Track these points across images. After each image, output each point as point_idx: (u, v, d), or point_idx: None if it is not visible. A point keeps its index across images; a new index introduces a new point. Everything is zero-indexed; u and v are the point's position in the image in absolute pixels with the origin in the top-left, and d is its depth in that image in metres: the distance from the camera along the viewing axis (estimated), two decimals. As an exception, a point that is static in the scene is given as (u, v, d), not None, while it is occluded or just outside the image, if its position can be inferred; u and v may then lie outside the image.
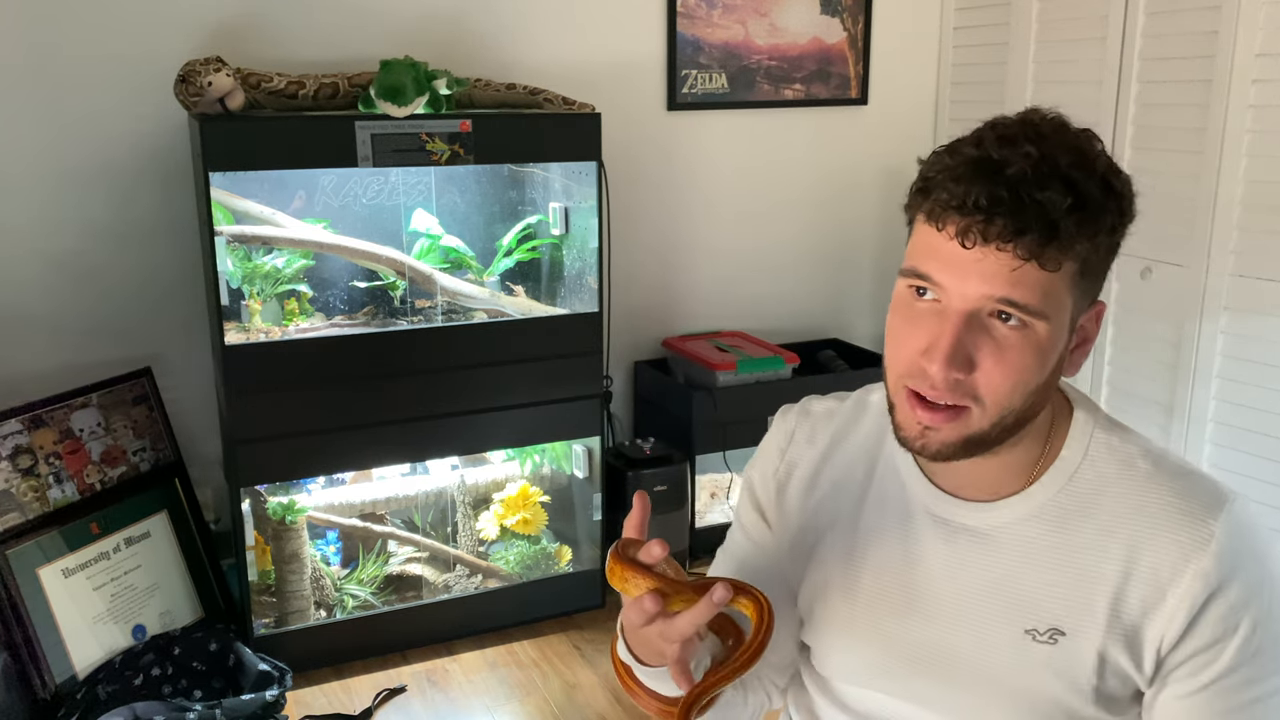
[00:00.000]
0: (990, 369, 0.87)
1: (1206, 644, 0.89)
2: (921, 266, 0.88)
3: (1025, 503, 0.96)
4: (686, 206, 3.29)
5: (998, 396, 0.88)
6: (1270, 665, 0.90)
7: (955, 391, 0.88)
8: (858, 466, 1.06)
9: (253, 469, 2.48)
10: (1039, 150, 0.85)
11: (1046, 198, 0.83)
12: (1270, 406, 2.59)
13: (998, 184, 0.83)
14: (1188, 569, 0.89)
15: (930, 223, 0.88)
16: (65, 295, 2.62)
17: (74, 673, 2.34)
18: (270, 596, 2.63)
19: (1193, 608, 0.88)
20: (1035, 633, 0.94)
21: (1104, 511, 0.93)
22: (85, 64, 2.54)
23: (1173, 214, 2.75)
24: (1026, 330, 0.87)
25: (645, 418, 3.27)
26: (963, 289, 0.86)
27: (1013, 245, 0.83)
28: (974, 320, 0.86)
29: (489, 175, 2.83)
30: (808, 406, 1.13)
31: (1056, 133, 0.88)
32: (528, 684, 2.54)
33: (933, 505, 1.00)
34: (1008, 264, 0.84)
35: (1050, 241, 0.84)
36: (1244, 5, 2.51)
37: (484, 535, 2.89)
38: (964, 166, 0.86)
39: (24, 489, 2.39)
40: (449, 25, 2.87)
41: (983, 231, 0.84)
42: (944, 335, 0.86)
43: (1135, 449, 0.96)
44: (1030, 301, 0.85)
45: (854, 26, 3.39)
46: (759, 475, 1.13)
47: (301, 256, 2.60)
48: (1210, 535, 0.89)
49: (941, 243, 0.86)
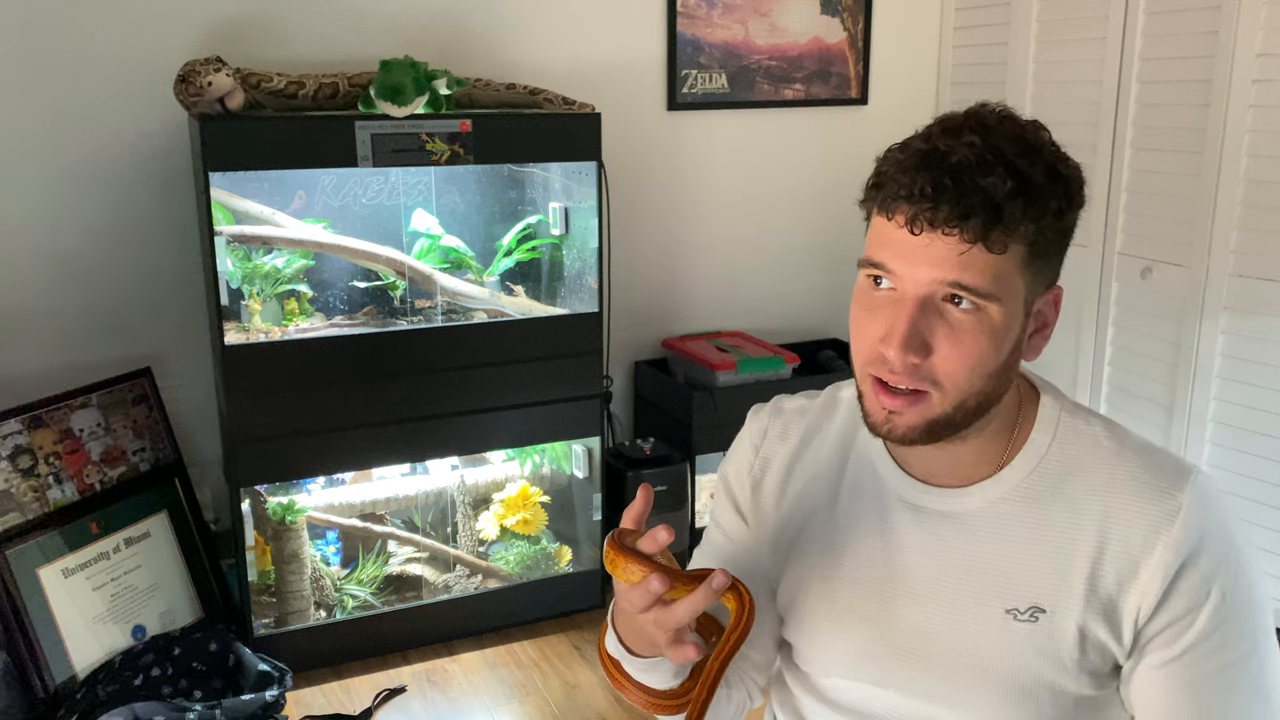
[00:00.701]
0: (946, 353, 0.90)
1: (1181, 613, 0.92)
2: (876, 256, 0.92)
3: (998, 485, 0.99)
4: (686, 207, 3.29)
5: (955, 379, 0.91)
6: (1239, 630, 0.93)
7: (914, 376, 0.91)
8: (831, 460, 1.08)
9: (253, 469, 2.48)
10: (983, 140, 0.88)
11: (989, 183, 0.86)
12: (1270, 406, 2.59)
13: (942, 172, 0.87)
14: (1159, 540, 0.92)
15: (882, 214, 0.91)
16: (65, 295, 2.62)
17: (74, 673, 2.34)
18: (270, 596, 2.63)
19: (1166, 577, 0.91)
20: (1016, 611, 0.96)
21: (1074, 490, 0.96)
22: (85, 64, 2.54)
23: (1173, 214, 2.75)
24: (980, 314, 0.89)
25: (645, 418, 3.27)
26: (914, 274, 0.89)
27: (959, 229, 0.87)
28: (928, 305, 0.89)
29: (489, 175, 2.83)
30: (779, 404, 1.15)
31: (1002, 124, 0.92)
32: (528, 684, 2.54)
33: (907, 493, 1.02)
34: (955, 248, 0.87)
35: (995, 224, 0.87)
36: (1244, 5, 2.51)
37: (484, 535, 2.89)
38: (911, 159, 0.89)
39: (24, 489, 2.39)
40: (449, 25, 2.87)
41: (930, 218, 0.87)
42: (899, 320, 0.89)
43: (1100, 430, 1.00)
44: (979, 284, 0.88)
45: (854, 26, 3.39)
46: (734, 473, 1.15)
47: (301, 256, 2.60)
48: (1179, 507, 0.92)
49: (892, 232, 0.90)
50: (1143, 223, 2.85)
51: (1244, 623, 0.93)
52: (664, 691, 0.98)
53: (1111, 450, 0.97)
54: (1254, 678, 0.93)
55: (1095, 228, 2.95)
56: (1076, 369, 3.05)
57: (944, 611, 0.99)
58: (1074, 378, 3.06)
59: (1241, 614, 0.93)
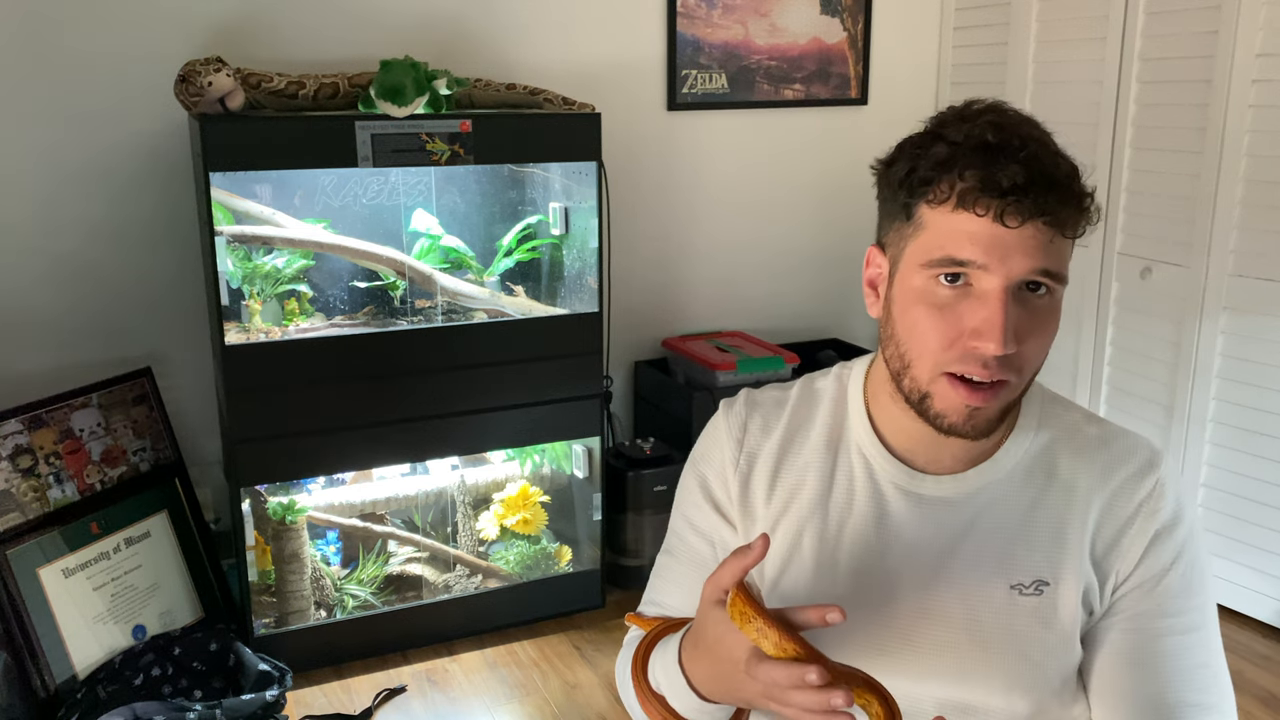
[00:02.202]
0: (1033, 340, 0.93)
1: (1150, 576, 0.99)
2: (959, 254, 0.90)
3: (993, 468, 1.02)
4: (686, 207, 3.29)
5: (1034, 364, 0.95)
6: (1195, 602, 1.00)
7: (1005, 368, 0.92)
8: (820, 451, 1.07)
9: (253, 469, 2.48)
10: (1028, 134, 0.91)
11: (1060, 174, 0.90)
12: (1270, 406, 2.59)
13: (1020, 164, 0.88)
14: (1140, 512, 1.00)
15: (961, 208, 0.90)
16: (65, 295, 2.62)
17: (74, 673, 2.34)
18: (270, 596, 2.63)
19: (1143, 544, 0.99)
20: (1021, 586, 0.99)
21: (1065, 470, 1.02)
22: (85, 64, 2.54)
23: (1173, 214, 2.75)
24: (1052, 296, 0.93)
25: (645, 418, 3.27)
26: (1007, 267, 0.89)
27: (1049, 219, 0.89)
28: (1015, 295, 0.91)
29: (489, 175, 2.83)
30: (752, 397, 1.13)
31: (1017, 118, 0.94)
32: (528, 684, 2.55)
33: (903, 481, 1.03)
34: (1047, 235, 0.90)
35: (1076, 211, 0.91)
36: (1244, 5, 2.51)
37: (484, 535, 2.89)
38: (975, 153, 0.89)
39: (24, 489, 2.39)
40: (449, 25, 2.87)
41: (1022, 209, 0.88)
42: (995, 314, 0.89)
43: (1078, 416, 1.06)
44: (1062, 269, 0.92)
45: (854, 26, 3.39)
46: (714, 472, 1.11)
47: (301, 256, 2.60)
48: (1156, 483, 1.00)
49: (975, 229, 0.89)
50: (1143, 223, 2.85)
51: (1199, 595, 1.01)
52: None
53: (1094, 435, 1.03)
54: (1201, 648, 1.00)
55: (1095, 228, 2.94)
56: (1076, 369, 3.05)
57: (948, 594, 1.00)
58: (1074, 378, 3.06)
59: (1198, 587, 1.01)
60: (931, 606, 1.00)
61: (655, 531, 2.93)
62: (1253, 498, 2.66)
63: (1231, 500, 2.70)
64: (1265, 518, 2.64)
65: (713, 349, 3.12)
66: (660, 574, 1.16)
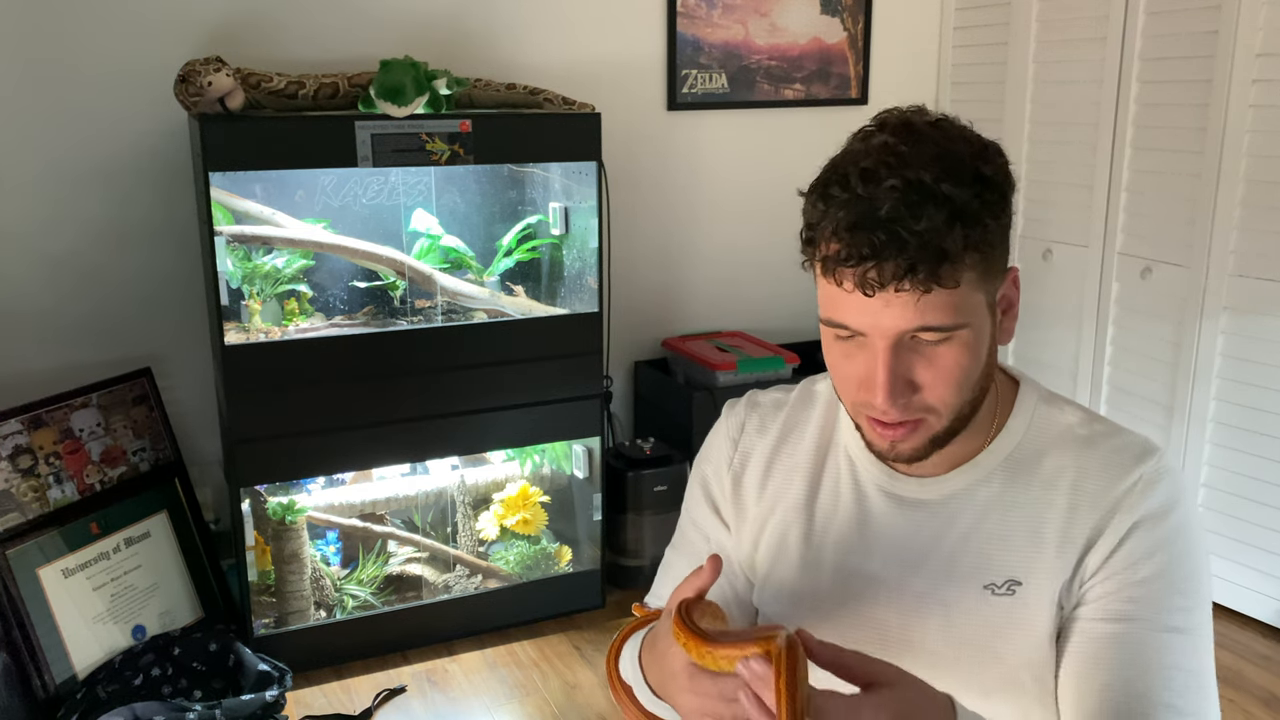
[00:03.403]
0: (931, 383, 0.91)
1: (1122, 566, 0.95)
2: (836, 317, 0.92)
3: (974, 470, 1.01)
4: (686, 206, 3.29)
5: (946, 401, 0.93)
6: (1179, 604, 0.94)
7: (906, 410, 0.92)
8: (810, 454, 1.09)
9: (253, 469, 2.48)
10: (902, 178, 0.86)
11: (924, 227, 0.85)
12: (1270, 406, 2.59)
13: (875, 228, 0.85)
14: (1119, 508, 0.95)
15: (827, 277, 0.90)
16: (65, 295, 2.62)
17: (74, 673, 2.34)
18: (270, 596, 2.63)
19: (1119, 537, 0.95)
20: (994, 586, 0.98)
21: (1046, 470, 0.99)
22: (85, 64, 2.54)
23: (1173, 214, 2.75)
24: (951, 340, 0.90)
25: (645, 418, 3.27)
26: (879, 328, 0.89)
27: (909, 281, 0.86)
28: (900, 347, 0.90)
29: (489, 175, 2.83)
30: (754, 399, 1.16)
31: (914, 145, 0.88)
32: (528, 684, 2.54)
33: (886, 483, 1.04)
34: (912, 298, 0.87)
35: (941, 265, 0.86)
36: (1244, 5, 2.51)
37: (484, 535, 2.89)
38: (841, 214, 0.87)
39: (24, 489, 2.39)
40: (449, 25, 2.87)
41: (877, 279, 0.86)
42: (878, 370, 0.90)
43: (1074, 419, 1.02)
44: (944, 321, 0.88)
45: (854, 26, 3.39)
46: (712, 470, 1.15)
47: (301, 256, 2.60)
48: (1139, 478, 0.96)
49: (844, 296, 0.89)
50: (1143, 223, 2.84)
51: (1186, 597, 0.95)
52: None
53: (1083, 436, 1.00)
54: (1182, 651, 0.94)
55: (1095, 228, 2.95)
56: (1076, 369, 3.05)
57: (927, 595, 1.00)
58: (1074, 378, 3.06)
59: (1186, 589, 0.95)
60: (910, 608, 1.01)
61: (655, 532, 2.93)
62: (1253, 498, 2.66)
63: (1231, 500, 2.70)
64: (1265, 518, 2.64)
65: (713, 349, 3.12)
66: (664, 567, 1.19)
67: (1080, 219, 2.98)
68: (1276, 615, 2.70)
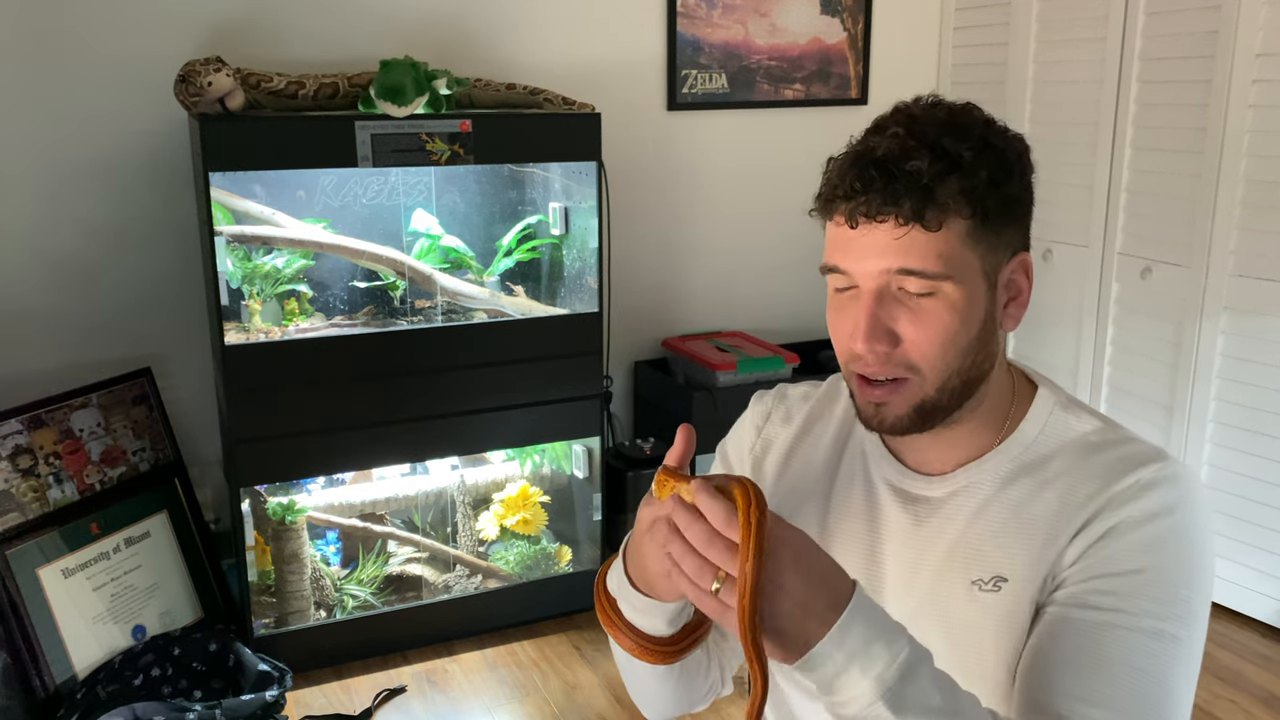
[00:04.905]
0: (914, 336, 0.93)
1: (1094, 560, 0.92)
2: (829, 259, 0.96)
3: (979, 469, 1.01)
4: (686, 206, 3.29)
5: (930, 360, 0.93)
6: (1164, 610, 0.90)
7: (888, 364, 0.94)
8: (830, 447, 1.11)
9: (253, 469, 2.48)
10: (907, 129, 0.92)
11: (914, 166, 0.89)
12: (1270, 406, 2.59)
13: (868, 165, 0.91)
14: (1110, 504, 0.94)
15: (825, 218, 0.96)
16: (65, 295, 2.62)
17: (74, 673, 2.34)
18: (270, 596, 2.63)
19: (1100, 534, 0.93)
20: (981, 582, 0.98)
21: (1049, 473, 0.99)
22: (85, 64, 2.54)
23: (1173, 214, 2.75)
24: (936, 295, 0.92)
25: (645, 418, 3.27)
26: (863, 268, 0.92)
27: (892, 215, 0.89)
28: (885, 296, 0.92)
29: (489, 175, 2.83)
30: (784, 390, 1.19)
31: (929, 111, 0.95)
32: (528, 684, 2.54)
33: (895, 479, 1.05)
34: (891, 233, 0.90)
35: (926, 204, 0.89)
36: (1244, 5, 2.51)
37: (484, 535, 2.89)
38: (844, 161, 0.94)
39: (24, 489, 2.39)
40: (449, 25, 2.87)
41: (864, 210, 0.90)
42: (861, 315, 0.93)
43: (1090, 427, 1.01)
44: (924, 266, 0.90)
45: (854, 26, 3.39)
46: (734, 451, 1.18)
47: (301, 256, 2.60)
48: (1136, 480, 0.94)
49: (837, 233, 0.94)
50: (1143, 223, 2.84)
51: (1168, 606, 0.90)
52: (655, 639, 0.98)
53: (1093, 444, 0.99)
54: (1147, 656, 0.89)
55: (1095, 228, 2.95)
56: (1076, 369, 3.05)
57: (925, 591, 1.01)
58: (1074, 377, 3.06)
59: (1167, 599, 0.90)
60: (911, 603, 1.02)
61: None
62: (1253, 498, 2.66)
63: (1231, 500, 2.70)
64: (1265, 518, 2.64)
65: (713, 349, 3.12)
66: None
67: (1080, 219, 2.98)
68: (1276, 615, 2.70)
